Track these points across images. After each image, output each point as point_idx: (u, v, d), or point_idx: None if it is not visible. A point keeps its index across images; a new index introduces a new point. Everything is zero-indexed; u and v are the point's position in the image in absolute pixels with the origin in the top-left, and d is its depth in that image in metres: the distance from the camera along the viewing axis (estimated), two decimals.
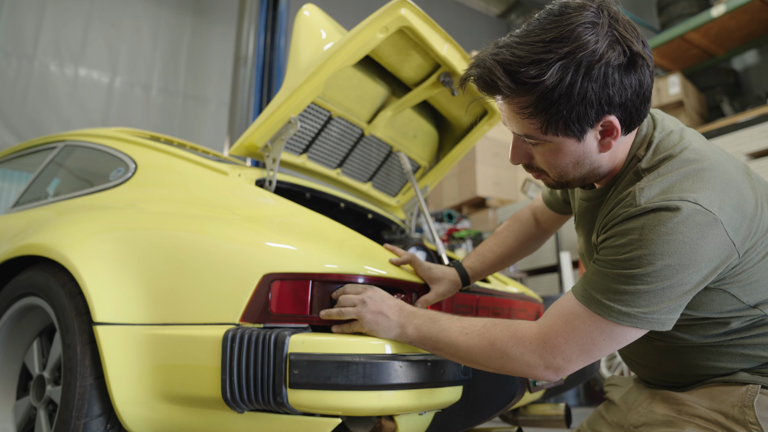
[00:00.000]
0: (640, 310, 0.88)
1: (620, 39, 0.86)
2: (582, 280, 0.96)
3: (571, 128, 0.90)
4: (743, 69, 5.73)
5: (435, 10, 7.87)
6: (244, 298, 1.16)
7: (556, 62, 0.84)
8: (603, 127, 0.92)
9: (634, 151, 1.01)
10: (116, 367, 1.23)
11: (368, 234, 2.42)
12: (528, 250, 1.47)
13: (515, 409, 1.81)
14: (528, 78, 0.85)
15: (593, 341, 0.91)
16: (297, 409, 1.08)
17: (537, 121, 0.90)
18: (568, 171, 0.99)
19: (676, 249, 0.85)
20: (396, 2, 1.54)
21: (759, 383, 0.97)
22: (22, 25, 5.47)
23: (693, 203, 0.86)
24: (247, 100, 5.30)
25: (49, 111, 5.50)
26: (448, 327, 1.04)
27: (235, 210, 1.48)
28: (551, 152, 0.96)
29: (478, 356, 1.00)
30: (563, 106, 0.86)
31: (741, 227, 0.89)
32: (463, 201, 5.76)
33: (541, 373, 0.95)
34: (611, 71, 0.85)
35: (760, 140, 3.76)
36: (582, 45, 0.84)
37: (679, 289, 0.87)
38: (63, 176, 2.12)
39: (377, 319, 1.10)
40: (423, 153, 2.32)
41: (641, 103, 0.91)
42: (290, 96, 1.65)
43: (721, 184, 0.90)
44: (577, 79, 0.84)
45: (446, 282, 1.33)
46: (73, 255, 1.35)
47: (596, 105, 0.87)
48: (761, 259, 0.93)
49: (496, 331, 0.99)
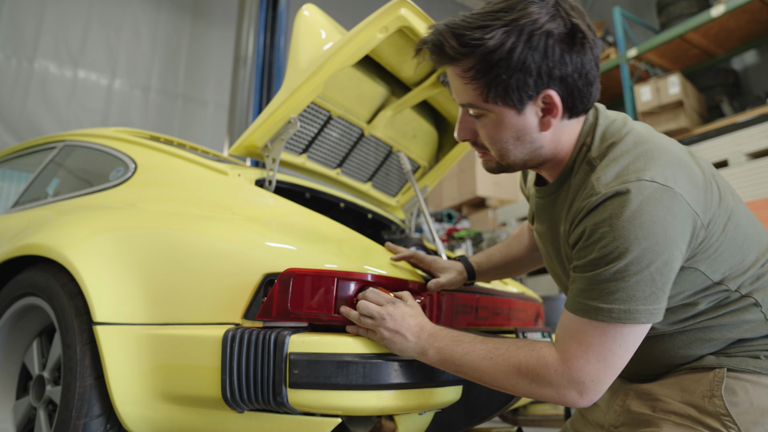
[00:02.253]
0: (637, 303, 0.88)
1: (564, 15, 0.90)
2: (571, 294, 0.95)
3: (510, 96, 0.92)
4: (743, 69, 5.73)
5: (434, 10, 7.86)
6: (244, 298, 1.16)
7: (500, 28, 0.89)
8: (544, 104, 0.94)
9: (582, 140, 1.02)
10: (116, 367, 1.23)
11: (368, 234, 2.42)
12: (535, 258, 1.45)
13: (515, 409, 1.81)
14: (471, 40, 0.90)
15: (610, 350, 0.90)
16: (297, 409, 1.08)
17: (478, 86, 0.93)
18: (508, 147, 0.99)
19: (648, 230, 0.85)
20: (396, 2, 1.54)
21: (724, 366, 0.98)
22: (22, 27, 5.47)
23: (650, 181, 0.88)
24: (247, 100, 5.30)
25: (48, 112, 5.50)
26: (471, 350, 1.01)
27: (235, 210, 1.48)
28: (493, 125, 0.98)
29: (505, 382, 0.97)
30: (502, 70, 0.90)
31: (698, 198, 0.91)
32: (462, 201, 5.76)
33: (575, 400, 0.93)
34: (551, 42, 0.89)
35: (760, 140, 3.76)
36: (526, 14, 0.89)
37: (665, 270, 0.87)
38: (63, 176, 2.12)
39: (394, 338, 1.06)
40: (423, 153, 2.32)
41: (583, 84, 0.93)
42: (290, 96, 1.65)
43: (670, 160, 0.92)
44: (517, 45, 0.88)
45: (453, 271, 1.31)
46: (73, 255, 1.35)
47: (535, 74, 0.90)
48: (722, 231, 0.94)
49: (520, 356, 0.96)
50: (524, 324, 1.75)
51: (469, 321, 1.42)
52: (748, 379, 0.96)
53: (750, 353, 0.99)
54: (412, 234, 2.45)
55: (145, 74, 6.11)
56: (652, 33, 6.15)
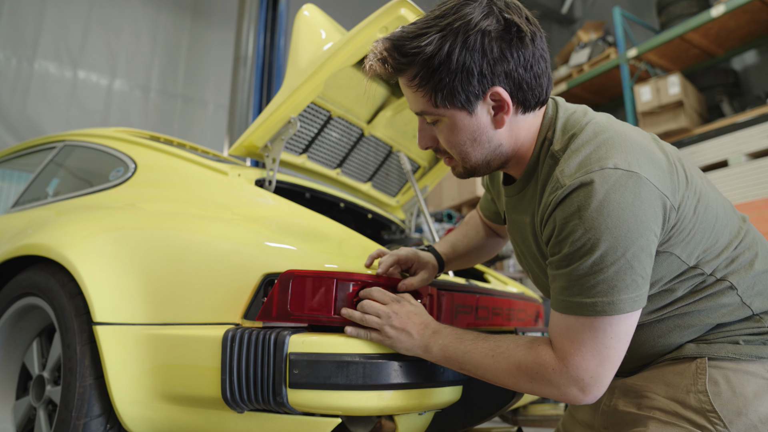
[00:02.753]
0: (620, 293, 0.87)
1: (498, 13, 0.92)
2: (554, 293, 0.95)
3: (457, 98, 0.93)
4: (743, 69, 5.73)
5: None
6: (243, 298, 1.16)
7: (436, 33, 0.91)
8: (493, 101, 0.95)
9: (543, 134, 1.02)
10: (116, 367, 1.23)
11: (368, 234, 2.42)
12: (491, 248, 1.47)
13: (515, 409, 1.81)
14: (411, 49, 0.92)
15: (603, 344, 0.90)
16: (297, 409, 1.08)
17: (426, 92, 0.95)
18: (467, 150, 1.00)
19: (617, 218, 0.85)
20: (396, 2, 1.54)
21: (705, 354, 0.98)
22: (22, 27, 5.48)
23: (613, 168, 0.88)
24: (247, 101, 5.30)
25: (48, 112, 5.50)
26: (473, 348, 1.02)
27: (235, 210, 1.48)
28: (448, 129, 0.99)
29: (506, 380, 0.98)
30: (444, 73, 0.91)
31: (665, 181, 0.91)
32: (462, 201, 5.76)
33: (577, 396, 0.93)
34: (488, 40, 0.90)
35: (760, 140, 3.76)
36: (459, 17, 0.91)
37: (641, 255, 0.87)
38: (62, 176, 2.12)
39: (400, 337, 1.07)
40: (423, 153, 2.32)
41: (532, 78, 0.94)
42: (290, 96, 1.66)
43: (631, 146, 0.92)
44: (454, 48, 0.90)
45: (431, 266, 1.28)
46: (73, 255, 1.35)
47: (477, 73, 0.91)
48: (693, 213, 0.95)
49: (519, 354, 0.97)
50: (524, 324, 1.75)
51: (469, 321, 1.42)
52: (728, 367, 0.96)
53: (729, 339, 0.99)
54: (412, 234, 2.45)
55: (145, 75, 6.11)
56: (652, 33, 6.14)
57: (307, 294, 1.13)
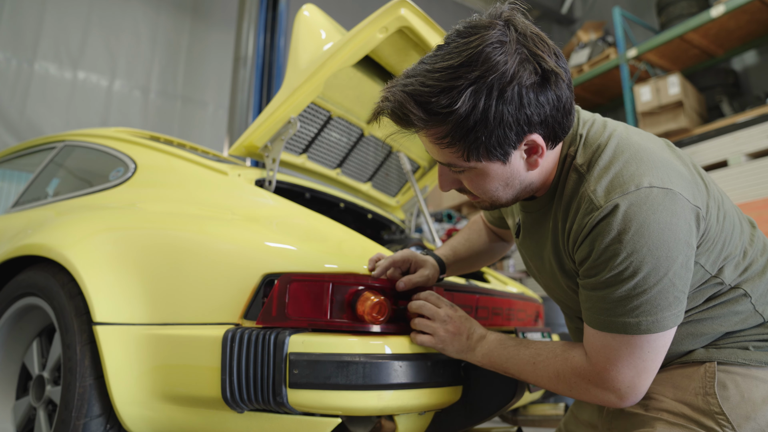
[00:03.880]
0: (663, 312, 0.88)
1: (530, 57, 0.84)
2: (590, 312, 0.94)
3: (493, 153, 0.88)
4: (743, 69, 5.73)
5: (434, 10, 7.87)
6: (243, 298, 1.16)
7: (467, 88, 0.81)
8: (527, 146, 0.90)
9: (565, 150, 1.00)
10: (116, 367, 1.23)
11: (368, 234, 2.42)
12: (495, 253, 1.47)
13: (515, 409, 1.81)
14: (440, 108, 0.83)
15: (641, 358, 0.91)
16: (297, 409, 1.08)
17: (457, 150, 0.88)
18: (498, 194, 0.97)
19: (659, 238, 0.84)
20: (395, 2, 1.55)
21: (714, 359, 0.98)
22: (23, 29, 5.48)
23: (648, 187, 0.86)
24: (247, 101, 5.29)
25: (48, 113, 5.50)
26: (515, 354, 1.05)
27: (235, 210, 1.48)
28: (478, 177, 0.94)
29: (547, 386, 1.02)
30: (480, 132, 0.84)
31: (693, 191, 0.91)
32: (462, 201, 5.76)
33: (616, 402, 0.95)
34: (525, 91, 0.83)
35: (760, 140, 3.76)
36: (491, 67, 0.81)
37: (682, 272, 0.87)
38: (62, 176, 2.12)
39: (452, 340, 1.11)
40: (422, 153, 2.32)
41: (563, 116, 0.90)
42: (290, 96, 1.66)
43: (658, 161, 0.91)
44: (491, 104, 0.82)
45: (430, 266, 1.26)
46: (73, 255, 1.35)
47: (515, 126, 0.85)
48: (716, 221, 0.95)
49: (557, 364, 1.00)
50: (524, 324, 1.75)
51: None
52: (738, 372, 0.96)
53: (739, 344, 0.99)
54: (412, 234, 2.45)
55: (144, 75, 6.11)
56: (652, 33, 6.14)
57: (305, 297, 1.13)
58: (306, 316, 1.12)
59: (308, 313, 1.12)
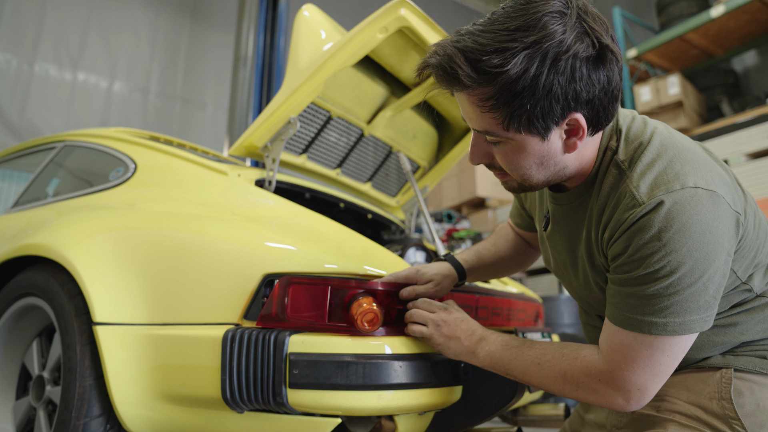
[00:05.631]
0: (692, 314, 0.86)
1: (589, 31, 0.82)
2: (616, 308, 0.92)
3: (534, 125, 0.85)
4: (742, 69, 5.73)
5: (434, 10, 7.87)
6: (244, 298, 1.16)
7: (521, 51, 0.79)
8: (568, 126, 0.88)
9: (605, 143, 0.97)
10: (116, 368, 1.23)
11: (368, 234, 2.42)
12: (522, 260, 1.43)
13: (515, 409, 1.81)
14: (490, 67, 0.80)
15: (658, 361, 0.89)
16: (297, 409, 1.08)
17: (499, 115, 0.85)
18: (531, 173, 0.93)
19: (699, 240, 0.83)
20: (395, 2, 1.55)
21: (731, 366, 0.97)
22: (23, 30, 5.48)
23: (693, 187, 0.85)
24: (247, 101, 5.30)
25: (48, 114, 5.51)
26: (519, 355, 1.02)
27: (235, 210, 1.48)
28: (513, 151, 0.90)
29: (552, 387, 0.99)
30: (527, 99, 0.81)
31: (735, 197, 0.90)
32: (462, 201, 5.76)
33: (622, 405, 0.93)
34: (579, 64, 0.81)
35: (760, 140, 3.76)
36: (549, 35, 0.79)
37: (716, 276, 0.86)
38: (62, 176, 2.12)
39: (448, 344, 1.10)
40: (422, 153, 2.32)
41: (609, 102, 0.87)
42: (290, 96, 1.65)
43: (702, 161, 0.90)
44: (542, 71, 0.79)
45: (440, 277, 1.24)
46: (73, 255, 1.35)
47: (562, 100, 0.82)
48: (753, 228, 0.94)
49: (565, 364, 0.97)
50: (524, 324, 1.75)
51: None
52: (754, 380, 0.96)
53: (757, 353, 0.98)
54: (412, 234, 2.45)
55: (144, 76, 6.12)
56: (651, 33, 6.14)
57: (305, 298, 1.13)
58: (306, 316, 1.12)
59: (308, 313, 1.12)
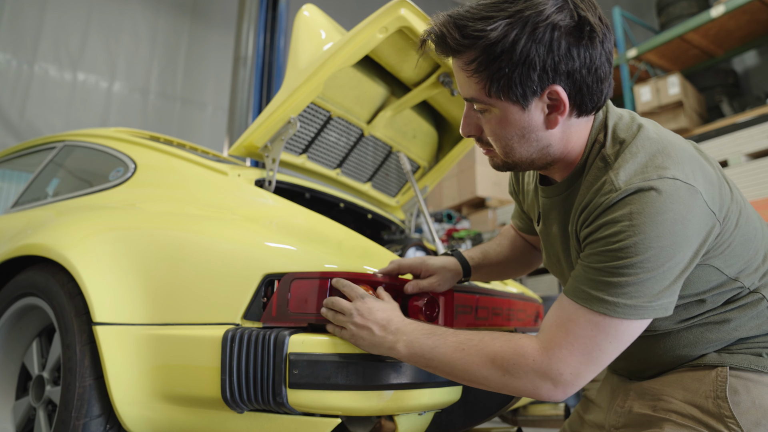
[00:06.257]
0: (645, 299, 0.86)
1: (571, 6, 0.86)
2: (573, 281, 0.92)
3: (513, 90, 0.88)
4: (743, 69, 5.73)
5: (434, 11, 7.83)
6: (243, 298, 1.16)
7: (504, 19, 0.86)
8: (550, 100, 0.90)
9: (594, 137, 0.99)
10: (116, 368, 1.23)
11: (368, 234, 2.42)
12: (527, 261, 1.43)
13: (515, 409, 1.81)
14: (474, 31, 0.87)
15: (599, 345, 0.87)
16: (297, 409, 1.08)
17: (480, 79, 0.90)
18: (513, 145, 0.96)
19: (668, 229, 0.84)
20: (395, 2, 1.55)
21: (727, 364, 0.97)
22: (23, 30, 5.48)
23: (672, 179, 0.86)
24: (247, 101, 5.30)
25: (48, 115, 5.51)
26: (442, 343, 0.96)
27: (235, 210, 1.48)
28: (497, 121, 0.94)
29: (477, 375, 0.94)
30: (505, 63, 0.86)
31: (714, 196, 0.90)
32: (462, 201, 5.76)
33: (549, 393, 0.90)
34: (557, 35, 0.85)
35: (760, 140, 3.76)
36: (531, 5, 0.85)
37: (677, 268, 0.87)
38: (62, 176, 2.12)
39: (361, 334, 1.03)
40: (422, 153, 2.32)
41: (594, 82, 0.90)
42: (290, 96, 1.65)
43: (686, 157, 0.91)
44: (521, 37, 0.85)
45: (444, 271, 1.24)
46: (73, 255, 1.35)
47: (539, 68, 0.86)
48: (735, 227, 0.94)
49: (495, 346, 0.93)
50: (524, 324, 1.75)
51: (469, 321, 1.42)
52: (749, 378, 0.96)
53: (752, 351, 0.98)
54: (412, 234, 2.45)
55: (144, 77, 6.12)
56: (652, 33, 6.15)
57: (306, 296, 1.13)
58: (306, 316, 1.12)
59: (309, 311, 1.12)
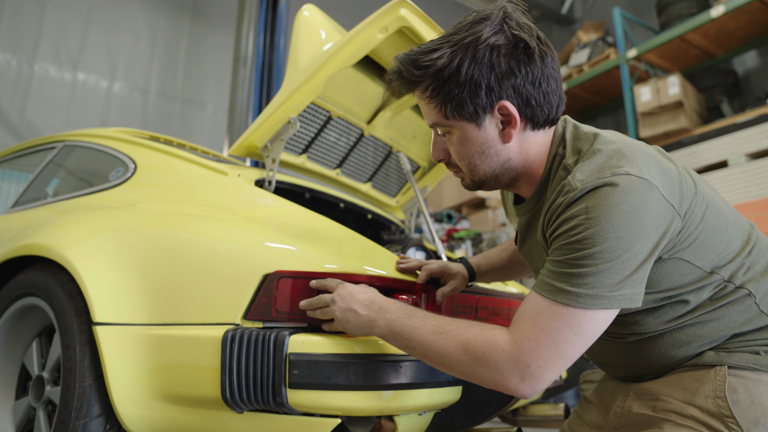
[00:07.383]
0: (605, 288, 0.87)
1: (506, 30, 0.96)
2: (540, 275, 0.95)
3: (465, 109, 0.97)
4: (743, 70, 5.73)
5: (434, 11, 7.87)
6: (243, 299, 1.16)
7: (448, 48, 0.96)
8: (501, 115, 0.98)
9: (554, 150, 1.05)
10: (116, 368, 1.23)
11: (368, 234, 2.42)
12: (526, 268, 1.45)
13: (515, 409, 1.81)
14: (424, 62, 0.98)
15: (564, 337, 0.89)
16: (296, 409, 1.08)
17: (437, 104, 0.99)
18: (476, 162, 1.03)
19: (624, 220, 0.87)
20: (395, 2, 1.54)
21: (725, 363, 0.98)
22: (23, 30, 5.48)
23: (626, 174, 0.90)
24: (247, 101, 5.30)
25: (48, 114, 5.50)
26: (421, 325, 0.99)
27: (235, 210, 1.48)
28: (458, 141, 1.02)
29: (450, 360, 0.95)
30: (454, 85, 0.96)
31: (673, 190, 0.93)
32: (462, 201, 5.76)
33: (516, 385, 0.91)
34: (496, 54, 0.94)
35: (760, 141, 3.76)
36: (471, 33, 0.96)
37: (637, 259, 0.88)
38: (62, 176, 2.12)
39: (347, 317, 1.06)
40: (422, 153, 2.32)
41: (540, 95, 0.97)
42: (290, 96, 1.65)
43: (642, 156, 0.95)
44: (464, 60, 0.95)
45: (460, 276, 1.34)
46: (73, 255, 1.35)
47: (485, 86, 0.95)
48: (701, 220, 0.96)
49: (470, 334, 0.94)
50: None
51: None
52: (748, 377, 0.96)
53: (749, 348, 0.99)
54: (412, 234, 2.45)
55: (144, 77, 6.12)
56: (652, 33, 6.15)
57: (306, 296, 1.13)
58: (306, 316, 1.12)
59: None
